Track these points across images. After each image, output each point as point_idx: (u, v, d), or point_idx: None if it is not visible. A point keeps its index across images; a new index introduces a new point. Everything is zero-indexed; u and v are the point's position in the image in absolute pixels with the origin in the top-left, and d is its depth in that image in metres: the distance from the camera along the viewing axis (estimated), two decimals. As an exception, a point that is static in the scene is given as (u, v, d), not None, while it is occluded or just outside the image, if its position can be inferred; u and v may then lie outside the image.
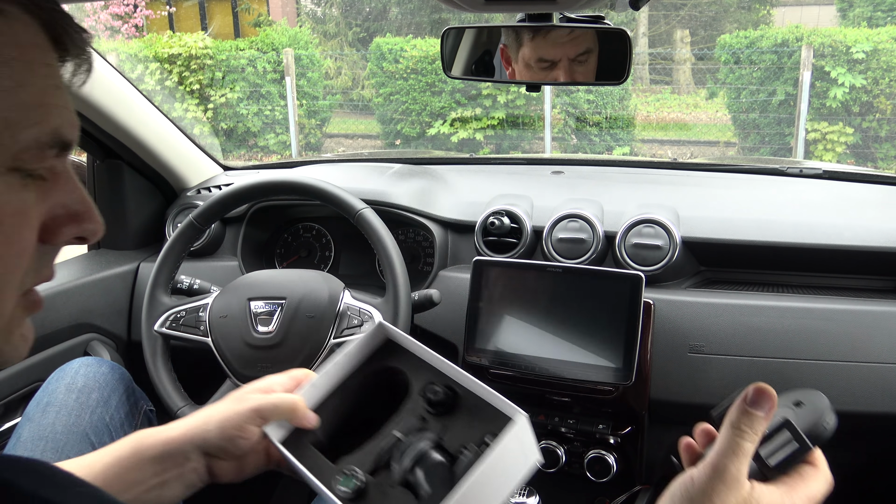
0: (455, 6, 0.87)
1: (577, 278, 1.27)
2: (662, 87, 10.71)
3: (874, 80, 7.24)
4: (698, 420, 1.36)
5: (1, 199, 0.40)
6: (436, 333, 1.41)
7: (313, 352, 1.20)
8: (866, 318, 1.24)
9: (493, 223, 1.39)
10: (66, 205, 0.45)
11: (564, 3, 0.90)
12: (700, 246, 1.37)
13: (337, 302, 1.23)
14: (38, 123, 0.41)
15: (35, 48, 0.42)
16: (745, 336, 1.25)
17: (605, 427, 1.32)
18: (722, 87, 8.08)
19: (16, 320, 0.45)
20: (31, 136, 0.41)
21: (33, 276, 0.45)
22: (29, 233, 0.43)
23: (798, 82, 7.24)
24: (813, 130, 7.47)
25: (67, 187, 0.45)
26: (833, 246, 1.32)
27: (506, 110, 8.36)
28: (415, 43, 8.68)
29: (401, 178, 1.61)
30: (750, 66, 7.64)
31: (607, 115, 8.32)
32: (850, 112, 7.39)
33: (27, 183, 0.42)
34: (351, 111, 10.65)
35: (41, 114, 0.42)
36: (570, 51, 1.16)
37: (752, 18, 11.69)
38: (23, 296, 0.45)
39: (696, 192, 1.55)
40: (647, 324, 1.26)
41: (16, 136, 0.40)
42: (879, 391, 1.21)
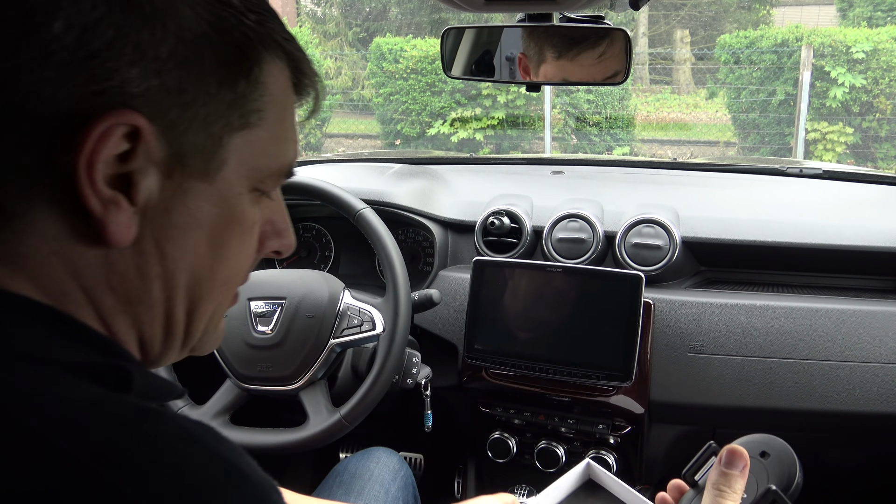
0: (455, 6, 0.87)
1: (577, 278, 1.27)
2: (662, 87, 10.71)
3: (874, 80, 7.24)
4: (698, 420, 1.36)
5: (247, 210, 0.49)
6: (436, 333, 1.41)
7: (313, 352, 1.20)
8: (866, 318, 1.24)
9: (493, 223, 1.39)
10: (273, 222, 0.54)
11: (565, 3, 0.90)
12: (700, 246, 1.37)
13: (337, 302, 1.23)
14: (283, 155, 0.50)
15: (287, 89, 0.50)
16: (745, 336, 1.25)
17: (605, 427, 1.32)
18: (722, 87, 8.07)
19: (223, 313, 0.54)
20: (276, 165, 0.50)
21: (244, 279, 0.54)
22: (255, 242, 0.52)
23: (798, 82, 7.24)
24: (813, 130, 7.46)
25: (277, 207, 0.54)
26: (833, 246, 1.32)
27: (506, 110, 8.36)
28: (415, 43, 8.68)
29: (401, 178, 1.61)
30: (750, 66, 7.63)
31: (607, 115, 8.32)
32: (850, 112, 7.39)
33: (258, 200, 0.51)
34: (351, 111, 10.65)
35: (286, 147, 0.51)
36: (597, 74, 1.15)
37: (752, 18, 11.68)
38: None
39: (696, 192, 1.55)
40: (647, 324, 1.26)
41: (268, 164, 0.49)
42: (879, 391, 1.21)
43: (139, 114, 0.40)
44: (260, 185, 0.50)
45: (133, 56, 0.40)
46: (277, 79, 0.48)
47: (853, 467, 1.44)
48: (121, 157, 0.41)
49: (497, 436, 1.39)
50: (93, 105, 0.39)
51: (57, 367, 0.39)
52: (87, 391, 0.38)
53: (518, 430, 1.40)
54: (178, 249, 0.46)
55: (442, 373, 1.40)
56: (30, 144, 0.39)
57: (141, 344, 0.48)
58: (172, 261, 0.46)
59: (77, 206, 0.41)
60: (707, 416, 1.31)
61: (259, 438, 1.19)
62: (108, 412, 0.37)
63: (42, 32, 0.38)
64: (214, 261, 0.48)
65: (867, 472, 1.46)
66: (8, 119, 0.39)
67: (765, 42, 7.54)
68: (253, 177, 0.48)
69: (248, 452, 0.42)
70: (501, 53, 1.21)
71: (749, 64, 7.63)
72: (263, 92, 0.47)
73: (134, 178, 0.42)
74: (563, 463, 1.35)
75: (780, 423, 1.30)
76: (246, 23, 0.45)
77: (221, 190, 0.46)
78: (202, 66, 0.43)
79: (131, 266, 0.44)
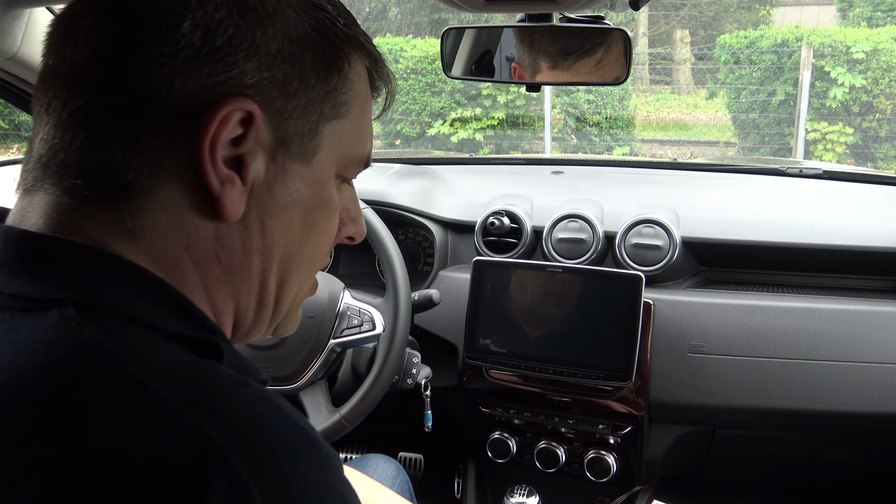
0: (455, 6, 0.87)
1: (577, 278, 1.27)
2: (662, 87, 10.70)
3: (874, 80, 7.23)
4: (698, 420, 1.36)
5: (333, 194, 0.55)
6: (436, 333, 1.41)
7: (313, 352, 1.20)
8: (866, 318, 1.24)
9: (493, 223, 1.39)
10: (349, 209, 0.60)
11: (564, 3, 0.90)
12: (700, 246, 1.37)
13: (337, 302, 1.23)
14: (364, 145, 0.57)
15: (367, 85, 0.56)
16: (745, 336, 1.25)
17: (605, 427, 1.32)
18: (722, 87, 8.07)
19: (305, 297, 0.59)
20: (358, 154, 0.56)
21: (325, 261, 0.59)
22: (336, 225, 0.58)
23: (798, 82, 7.23)
24: (813, 130, 7.46)
25: (353, 196, 0.60)
26: (833, 246, 1.32)
27: (506, 110, 8.35)
28: (415, 43, 8.67)
29: (401, 178, 1.61)
30: (750, 66, 7.63)
31: (607, 115, 8.31)
32: (850, 112, 7.38)
33: (340, 187, 0.57)
34: (351, 111, 10.64)
35: (366, 139, 0.57)
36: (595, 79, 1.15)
37: (752, 18, 11.68)
38: None
39: (696, 192, 1.55)
40: (647, 324, 1.26)
41: (352, 152, 0.55)
42: (879, 391, 1.21)
43: (253, 101, 0.46)
44: (343, 172, 0.56)
45: (249, 52, 0.46)
46: (361, 75, 0.55)
47: (853, 467, 1.44)
48: (234, 140, 0.47)
49: (497, 436, 1.39)
50: (215, 93, 0.45)
51: (160, 333, 0.43)
52: (184, 355, 0.43)
53: (518, 430, 1.40)
54: (277, 225, 0.51)
55: (442, 373, 1.40)
56: (161, 129, 0.45)
57: (236, 313, 0.53)
58: (272, 235, 0.51)
59: (198, 184, 0.46)
60: (707, 417, 1.31)
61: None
62: (199, 371, 0.42)
63: (173, 32, 0.44)
64: (305, 238, 0.54)
65: (867, 472, 1.46)
66: (144, 107, 0.44)
67: (765, 42, 7.53)
68: (339, 163, 0.54)
69: None
70: (501, 53, 1.21)
71: (749, 64, 7.63)
72: (350, 86, 0.53)
73: (245, 160, 0.48)
74: (563, 463, 1.35)
75: (780, 423, 1.30)
76: (338, 25, 0.52)
77: (315, 173, 0.52)
78: (304, 61, 0.49)
79: (237, 240, 0.49)
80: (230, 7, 0.46)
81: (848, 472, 1.47)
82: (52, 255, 0.44)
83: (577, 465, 1.35)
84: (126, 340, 0.41)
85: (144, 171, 0.45)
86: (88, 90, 0.45)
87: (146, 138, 0.45)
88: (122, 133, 0.45)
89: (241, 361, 0.48)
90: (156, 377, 0.39)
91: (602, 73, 1.16)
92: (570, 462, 1.36)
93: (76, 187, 0.45)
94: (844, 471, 1.47)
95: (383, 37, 9.52)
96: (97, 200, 0.45)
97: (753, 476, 1.56)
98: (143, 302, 0.44)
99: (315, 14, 0.50)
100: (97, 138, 0.45)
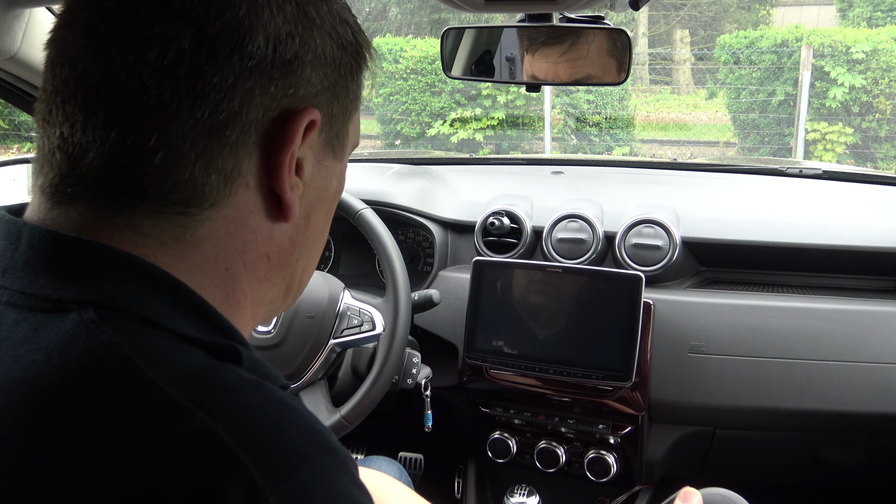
0: (455, 6, 0.87)
1: (577, 278, 1.27)
2: (662, 88, 10.70)
3: (874, 80, 7.23)
4: (698, 420, 1.36)
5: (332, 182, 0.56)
6: (436, 333, 1.41)
7: (313, 352, 1.20)
8: (866, 318, 1.24)
9: (493, 223, 1.39)
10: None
11: (564, 4, 0.90)
12: (700, 246, 1.37)
13: (337, 302, 1.23)
14: (357, 132, 0.58)
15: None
16: (745, 336, 1.25)
17: (605, 427, 1.32)
18: (722, 87, 8.07)
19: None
20: (354, 140, 0.57)
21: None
22: None
23: (798, 82, 7.23)
24: (813, 130, 7.46)
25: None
26: (833, 246, 1.32)
27: (506, 110, 8.35)
28: (415, 43, 8.67)
29: (401, 178, 1.61)
30: (750, 67, 7.63)
31: (607, 115, 8.31)
32: (850, 112, 7.38)
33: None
34: (351, 111, 10.64)
35: (358, 125, 0.58)
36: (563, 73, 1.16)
37: (751, 18, 11.68)
38: None
39: (696, 192, 1.55)
40: (647, 324, 1.26)
41: (356, 140, 0.57)
42: (879, 391, 1.21)
43: (317, 110, 0.48)
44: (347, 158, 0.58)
45: (313, 62, 0.48)
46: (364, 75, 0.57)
47: (853, 467, 1.44)
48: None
49: (497, 436, 1.39)
50: (292, 104, 0.47)
51: (180, 338, 0.43)
52: (202, 358, 0.43)
53: (518, 430, 1.40)
54: (317, 220, 0.54)
55: (442, 373, 1.40)
56: (240, 143, 0.45)
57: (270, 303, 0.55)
58: (312, 228, 0.54)
59: (270, 190, 0.48)
60: (707, 417, 1.31)
61: None
62: (215, 375, 0.42)
63: (248, 46, 0.45)
64: (325, 226, 0.57)
65: (867, 472, 1.46)
66: (227, 123, 0.45)
67: (765, 42, 7.53)
68: (350, 152, 0.57)
69: None
70: (501, 53, 1.21)
71: (749, 64, 7.63)
72: (362, 85, 0.56)
73: (301, 164, 0.49)
74: (563, 463, 1.35)
75: (780, 423, 1.30)
76: (361, 34, 0.54)
77: (343, 166, 0.56)
78: (346, 66, 0.52)
79: (286, 237, 0.51)
80: (296, 19, 0.47)
81: (848, 472, 1.47)
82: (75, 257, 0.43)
83: (578, 465, 1.35)
84: (144, 344, 0.41)
85: (219, 183, 0.45)
86: (162, 105, 0.43)
87: (225, 153, 0.45)
88: (203, 150, 0.44)
89: (261, 367, 0.47)
90: (172, 381, 0.39)
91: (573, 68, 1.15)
92: (571, 462, 1.36)
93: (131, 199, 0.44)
94: (845, 471, 1.47)
95: (383, 37, 9.52)
96: (163, 216, 0.45)
97: (753, 476, 1.56)
98: (164, 306, 0.44)
99: (347, 18, 0.52)
100: (174, 154, 0.44)
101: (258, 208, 0.48)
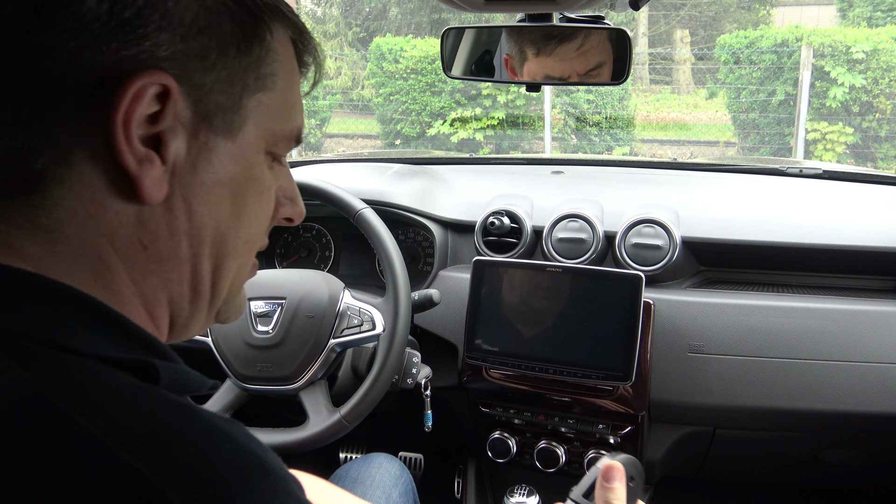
0: (455, 6, 0.87)
1: (577, 278, 1.27)
2: (662, 87, 10.70)
3: (874, 80, 7.23)
4: (698, 420, 1.36)
5: (264, 172, 0.53)
6: (436, 333, 1.41)
7: (313, 352, 1.20)
8: (866, 318, 1.24)
9: (493, 223, 1.39)
10: (284, 188, 0.57)
11: (565, 4, 0.90)
12: (700, 246, 1.37)
13: (337, 302, 1.23)
14: (293, 120, 0.54)
15: (293, 58, 0.54)
16: (745, 336, 1.25)
17: (605, 427, 1.32)
18: (722, 87, 8.07)
19: (245, 279, 0.58)
20: (287, 129, 0.54)
21: (263, 243, 0.57)
22: (272, 205, 0.56)
23: (798, 82, 7.23)
24: (813, 130, 7.46)
25: (287, 175, 0.58)
26: (833, 246, 1.32)
27: (506, 110, 8.36)
28: (415, 43, 8.68)
29: (401, 178, 1.61)
30: (750, 66, 7.63)
31: (607, 115, 8.32)
32: (850, 112, 7.39)
33: (272, 165, 0.54)
34: (351, 111, 10.65)
35: (295, 113, 0.55)
36: (578, 67, 1.15)
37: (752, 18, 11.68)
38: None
39: (696, 192, 1.55)
40: (647, 324, 1.26)
41: (281, 127, 0.53)
42: (879, 391, 1.21)
43: (168, 74, 0.44)
44: (273, 149, 0.53)
45: (160, 22, 0.44)
46: (286, 47, 0.53)
47: (853, 467, 1.44)
48: (151, 117, 0.44)
49: (497, 436, 1.39)
50: (126, 67, 0.43)
51: (93, 360, 0.40)
52: (121, 384, 0.40)
53: (518, 430, 1.40)
54: (204, 206, 0.49)
55: (442, 373, 1.40)
56: (70, 109, 0.42)
57: (170, 305, 0.51)
58: (199, 217, 0.49)
59: (115, 165, 0.44)
60: (707, 417, 1.31)
61: (259, 438, 1.19)
62: (137, 405, 0.39)
63: (77, 5, 0.41)
64: (237, 219, 0.51)
65: (867, 472, 1.46)
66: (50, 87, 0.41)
67: (765, 42, 7.53)
68: (268, 139, 0.52)
69: None
70: (501, 53, 1.21)
71: (749, 64, 7.63)
72: (275, 58, 0.51)
73: (164, 138, 0.45)
74: (563, 463, 1.35)
75: (780, 423, 1.30)
76: (265, 10, 0.50)
77: (242, 149, 0.50)
78: (221, 31, 0.47)
79: (162, 223, 0.47)
80: None
81: (848, 472, 1.47)
82: None
83: (577, 465, 1.35)
84: (56, 376, 0.38)
85: (56, 156, 0.42)
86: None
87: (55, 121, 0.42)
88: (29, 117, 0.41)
89: (181, 378, 0.46)
90: (91, 415, 0.36)
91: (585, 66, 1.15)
92: (570, 462, 1.35)
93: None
94: (845, 471, 1.47)
95: (383, 37, 9.52)
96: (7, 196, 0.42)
97: (753, 476, 1.56)
98: (71, 325, 0.41)
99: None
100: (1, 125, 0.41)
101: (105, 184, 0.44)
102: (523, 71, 1.18)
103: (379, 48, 8.81)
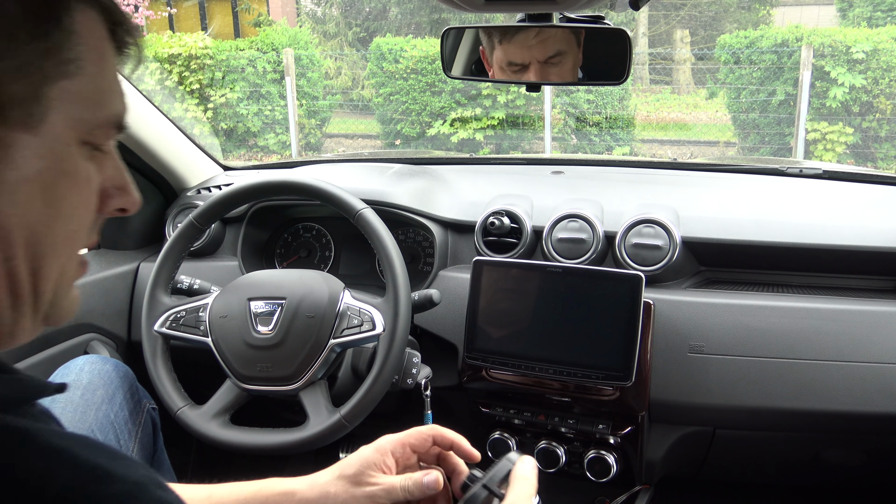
0: (455, 6, 0.87)
1: (577, 278, 1.27)
2: (662, 87, 10.70)
3: (874, 80, 7.24)
4: (698, 420, 1.36)
5: (80, 165, 0.49)
6: (436, 333, 1.41)
7: (313, 352, 1.20)
8: (866, 318, 1.24)
9: (493, 223, 1.39)
10: (113, 178, 0.54)
11: (564, 3, 0.90)
12: (700, 246, 1.37)
13: (337, 302, 1.23)
14: (109, 106, 0.51)
15: (103, 39, 0.50)
16: (745, 336, 1.25)
17: (605, 427, 1.32)
18: (722, 87, 8.07)
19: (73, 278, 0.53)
20: (103, 116, 0.50)
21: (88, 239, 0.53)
22: (94, 198, 0.52)
23: (798, 82, 7.23)
24: (813, 130, 7.46)
25: (114, 164, 0.54)
26: (833, 246, 1.32)
27: (506, 110, 8.36)
28: (415, 43, 8.68)
29: (401, 178, 1.61)
30: (750, 66, 7.63)
31: (607, 115, 8.32)
32: (850, 112, 7.39)
33: (93, 155, 0.51)
34: (351, 111, 10.65)
35: (111, 98, 0.51)
36: (538, 54, 1.15)
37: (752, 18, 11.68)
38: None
39: (696, 192, 1.55)
40: (647, 324, 1.26)
41: (95, 114, 0.49)
42: (879, 391, 1.21)
43: None
44: (90, 138, 0.50)
45: None
46: (92, 29, 0.49)
47: (853, 467, 1.44)
48: None
49: (497, 436, 1.39)
50: None
51: None
52: None
53: (518, 430, 1.40)
54: (10, 205, 0.45)
55: (442, 373, 1.40)
56: None
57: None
58: (6, 217, 0.45)
59: None
60: (707, 417, 1.31)
61: (259, 439, 1.19)
62: None
63: None
64: (51, 217, 0.48)
65: (867, 472, 1.46)
66: None
67: (765, 42, 7.54)
68: (80, 128, 0.48)
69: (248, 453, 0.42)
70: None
71: (749, 64, 7.63)
72: (78, 41, 0.47)
73: None
74: (564, 463, 1.35)
75: (781, 424, 1.30)
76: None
77: (48, 142, 0.46)
78: (8, 17, 0.43)
79: None
80: None
81: (848, 472, 1.47)
82: None
83: (578, 465, 1.35)
84: None
85: None
86: None
87: None
88: None
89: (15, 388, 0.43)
90: None
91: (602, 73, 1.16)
92: (570, 462, 1.35)
93: None
94: (844, 471, 1.47)
95: (383, 37, 9.52)
96: None
97: (753, 476, 1.56)
98: None
99: None
100: None
101: None
102: (493, 60, 1.19)
103: (379, 48, 8.81)
